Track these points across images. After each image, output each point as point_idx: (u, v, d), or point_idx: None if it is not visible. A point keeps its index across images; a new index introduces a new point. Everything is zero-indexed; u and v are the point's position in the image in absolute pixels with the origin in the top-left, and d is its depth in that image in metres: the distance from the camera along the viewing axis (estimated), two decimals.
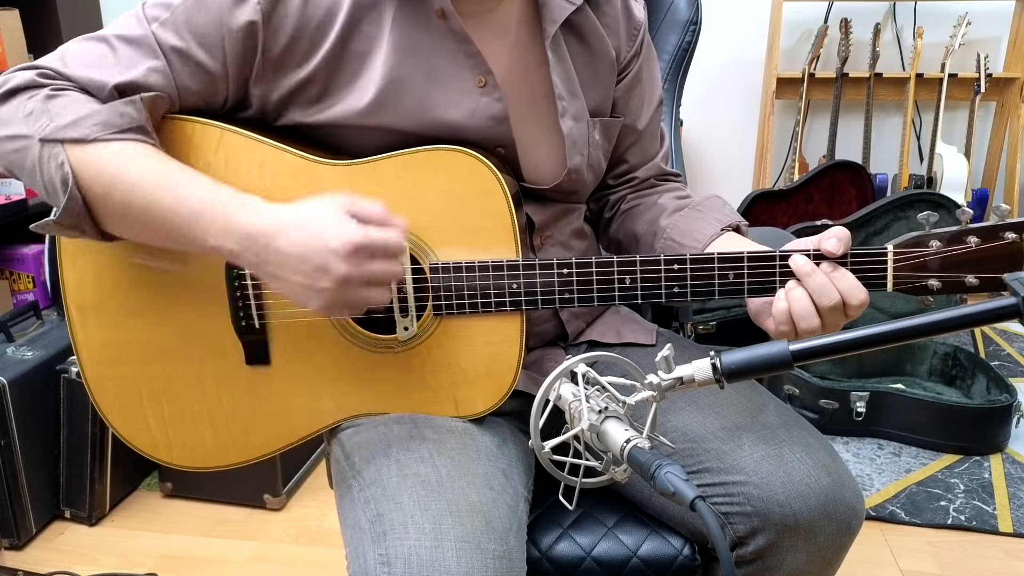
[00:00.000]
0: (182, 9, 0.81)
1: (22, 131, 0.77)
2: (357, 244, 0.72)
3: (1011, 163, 2.85)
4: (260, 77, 0.84)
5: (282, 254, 0.74)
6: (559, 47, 0.92)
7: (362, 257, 0.73)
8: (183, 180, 0.77)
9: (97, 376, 0.89)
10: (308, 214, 0.74)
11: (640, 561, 0.90)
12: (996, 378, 2.04)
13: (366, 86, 0.84)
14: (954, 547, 1.68)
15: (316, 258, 0.72)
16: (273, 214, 0.75)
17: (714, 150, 3.14)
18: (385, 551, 0.73)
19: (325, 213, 0.74)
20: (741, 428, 0.87)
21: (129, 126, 0.78)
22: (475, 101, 0.87)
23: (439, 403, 0.89)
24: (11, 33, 2.32)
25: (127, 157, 0.77)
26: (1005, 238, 0.78)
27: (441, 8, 0.84)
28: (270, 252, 0.74)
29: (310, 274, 0.73)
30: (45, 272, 2.41)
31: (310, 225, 0.73)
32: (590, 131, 0.95)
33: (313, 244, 0.72)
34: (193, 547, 1.72)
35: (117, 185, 0.76)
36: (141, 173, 0.77)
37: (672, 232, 0.95)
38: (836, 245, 0.80)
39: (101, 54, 0.81)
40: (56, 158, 0.76)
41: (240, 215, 0.75)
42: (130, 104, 0.78)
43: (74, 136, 0.76)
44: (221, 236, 0.75)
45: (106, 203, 0.77)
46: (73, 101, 0.78)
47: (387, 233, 0.75)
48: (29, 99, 0.78)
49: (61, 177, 0.76)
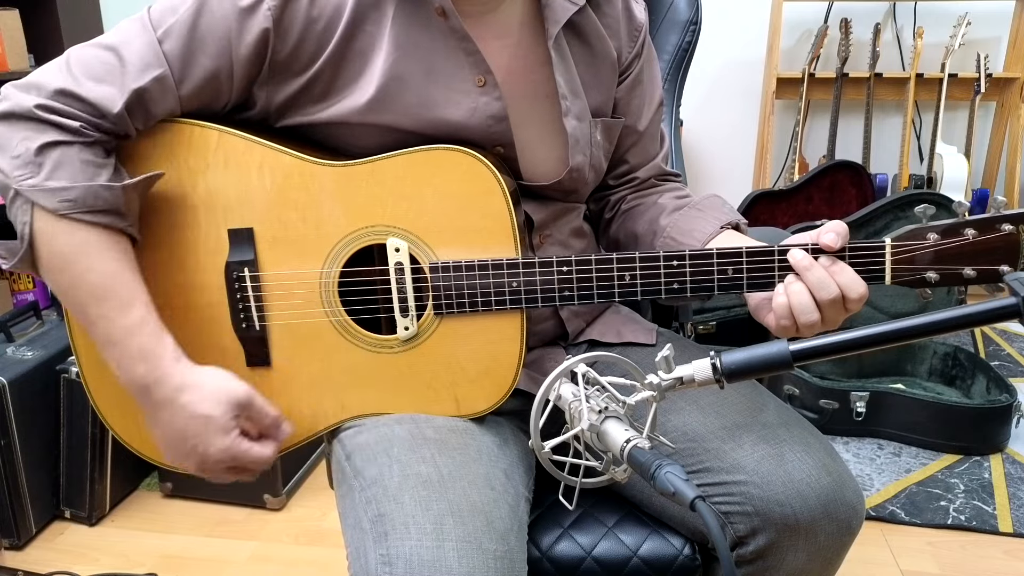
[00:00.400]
0: (187, 16, 0.81)
1: (5, 168, 0.78)
2: (218, 460, 0.81)
3: (1011, 163, 2.85)
4: (266, 80, 0.85)
5: (161, 421, 0.81)
6: (561, 47, 0.92)
7: (220, 467, 0.82)
8: (119, 299, 0.80)
9: (97, 378, 0.89)
10: (196, 407, 0.79)
11: (640, 561, 0.90)
12: (996, 378, 2.04)
13: (367, 84, 0.85)
14: (954, 547, 1.68)
15: (183, 446, 0.81)
16: (171, 387, 0.79)
17: (714, 150, 3.14)
18: (386, 551, 0.73)
19: (212, 413, 0.79)
20: (741, 428, 0.87)
21: (102, 208, 0.79)
22: (474, 100, 0.87)
23: (440, 402, 0.89)
24: (11, 33, 2.33)
25: (84, 248, 0.79)
26: (1002, 230, 0.78)
27: (441, 6, 0.84)
28: (154, 412, 0.81)
29: (179, 448, 0.82)
30: None
31: (191, 423, 0.80)
32: (592, 131, 0.95)
33: (185, 437, 0.80)
34: (193, 547, 1.73)
35: (65, 272, 0.80)
36: (88, 271, 0.79)
37: (672, 231, 0.95)
38: (834, 239, 0.80)
39: (107, 64, 0.80)
40: (24, 214, 0.78)
41: (142, 367, 0.79)
42: (109, 190, 0.79)
43: (45, 205, 0.77)
44: (121, 371, 0.81)
45: (51, 278, 0.81)
46: (61, 162, 0.78)
47: (258, 452, 0.83)
48: (23, 140, 0.77)
49: (21, 233, 0.79)
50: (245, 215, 0.86)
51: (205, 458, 0.81)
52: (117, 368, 0.81)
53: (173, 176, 0.85)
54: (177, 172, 0.85)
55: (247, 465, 0.83)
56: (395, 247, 0.85)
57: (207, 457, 0.81)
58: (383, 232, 0.85)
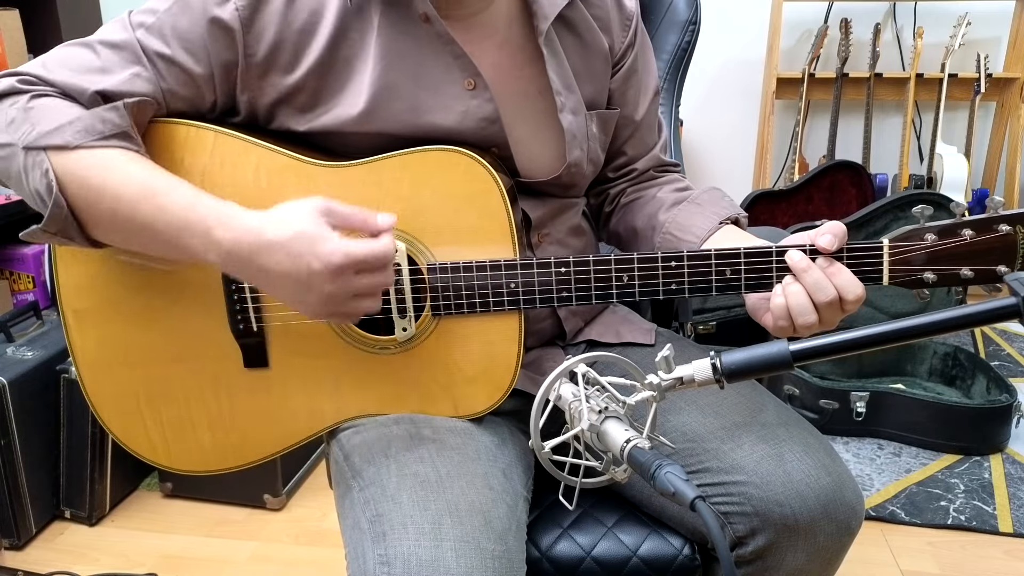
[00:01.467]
0: (167, 15, 0.81)
1: (4, 139, 0.77)
2: (339, 265, 0.72)
3: (1011, 163, 2.85)
4: (246, 84, 0.84)
5: (265, 271, 0.74)
6: (552, 42, 0.92)
7: (348, 275, 0.73)
8: (165, 189, 0.76)
9: (94, 380, 0.89)
10: (289, 230, 0.73)
11: (640, 561, 0.90)
12: (996, 378, 2.04)
13: (357, 94, 0.84)
14: (954, 547, 1.67)
15: (300, 277, 0.73)
16: (255, 230, 0.73)
17: (714, 150, 3.14)
18: (385, 551, 0.73)
19: (306, 228, 0.72)
20: (741, 428, 0.87)
21: (112, 132, 0.77)
22: (465, 104, 0.87)
23: (438, 403, 0.89)
24: (11, 33, 2.32)
25: (111, 164, 0.76)
26: (999, 230, 0.78)
27: (424, 12, 0.84)
28: (253, 268, 0.74)
29: (295, 290, 0.74)
30: (45, 272, 2.41)
31: (292, 245, 0.72)
32: (588, 124, 0.95)
33: (295, 264, 0.72)
34: (193, 547, 1.72)
35: (103, 193, 0.76)
36: (125, 181, 0.76)
37: (671, 227, 0.95)
38: (830, 241, 0.80)
39: (84, 59, 0.81)
40: (40, 165, 0.76)
41: (220, 230, 0.74)
42: (113, 110, 0.78)
43: (57, 143, 0.75)
44: (203, 250, 0.75)
45: (92, 211, 0.77)
46: (54, 107, 0.78)
47: (370, 245, 0.74)
48: (10, 106, 0.78)
49: (46, 185, 0.76)
50: None
51: (325, 272, 0.72)
52: (202, 250, 0.75)
53: None
54: (174, 173, 0.85)
55: (370, 260, 0.73)
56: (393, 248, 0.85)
57: (327, 269, 0.71)
58: None
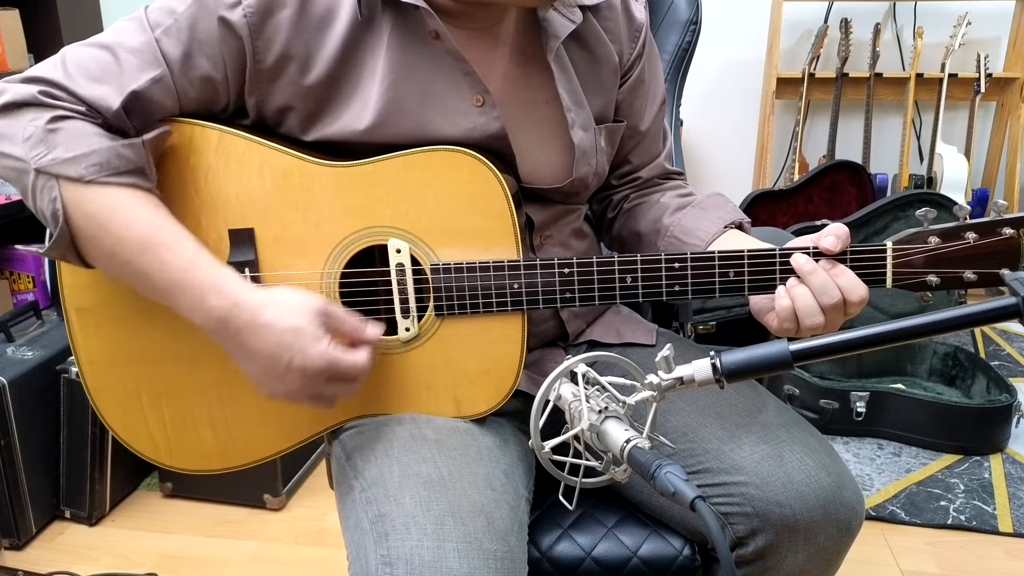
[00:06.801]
0: (185, 16, 0.81)
1: (19, 154, 0.76)
2: (320, 369, 0.76)
3: (1011, 163, 2.85)
4: (254, 88, 0.84)
5: (246, 347, 0.77)
6: (561, 57, 0.92)
7: (320, 378, 0.77)
8: (168, 243, 0.78)
9: (96, 379, 0.89)
10: (288, 321, 0.75)
11: (640, 561, 0.90)
12: (996, 378, 2.04)
13: (363, 107, 0.84)
14: (954, 547, 1.68)
15: (277, 365, 0.76)
16: (252, 308, 0.76)
17: (714, 150, 3.14)
18: (387, 551, 0.73)
19: (303, 325, 0.75)
20: (741, 428, 0.87)
21: (127, 168, 0.78)
22: (472, 120, 0.87)
23: (440, 403, 0.89)
24: (11, 33, 2.32)
25: (119, 206, 0.77)
26: (1003, 234, 0.78)
27: (435, 29, 0.84)
28: (238, 340, 0.77)
29: (266, 371, 0.77)
30: (45, 272, 2.41)
31: (284, 336, 0.75)
32: (596, 139, 0.95)
33: (279, 352, 0.75)
34: (193, 547, 1.73)
35: (106, 233, 0.77)
36: (129, 225, 0.77)
37: (675, 230, 0.95)
38: (834, 243, 0.80)
39: (104, 64, 0.80)
40: (50, 191, 0.76)
41: (215, 298, 0.76)
42: (130, 147, 0.78)
43: (70, 174, 0.76)
44: (189, 309, 0.77)
45: (92, 244, 0.78)
46: (75, 133, 0.77)
47: (352, 359, 0.77)
48: (31, 122, 0.77)
49: (52, 211, 0.76)
50: (246, 215, 0.86)
51: (304, 371, 0.75)
52: (189, 311, 0.77)
53: (174, 175, 0.85)
54: (178, 172, 0.85)
55: (346, 372, 0.77)
56: (396, 248, 0.85)
57: (306, 369, 0.75)
58: (384, 233, 0.85)
